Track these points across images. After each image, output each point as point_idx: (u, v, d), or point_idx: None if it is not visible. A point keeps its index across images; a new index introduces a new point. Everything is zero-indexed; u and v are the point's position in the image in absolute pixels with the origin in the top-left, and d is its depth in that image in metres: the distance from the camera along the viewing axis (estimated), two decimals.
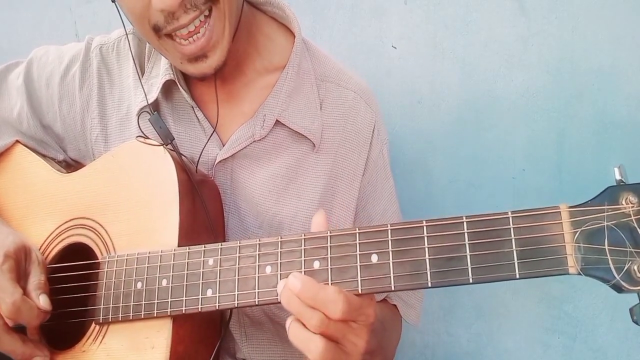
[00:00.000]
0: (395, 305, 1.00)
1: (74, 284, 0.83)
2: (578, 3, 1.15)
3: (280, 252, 0.69)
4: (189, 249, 0.76)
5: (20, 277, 0.80)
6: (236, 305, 0.72)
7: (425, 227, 0.63)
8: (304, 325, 0.65)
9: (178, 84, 0.90)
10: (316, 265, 0.67)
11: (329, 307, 0.64)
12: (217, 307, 0.73)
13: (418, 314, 1.02)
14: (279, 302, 0.67)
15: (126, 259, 0.81)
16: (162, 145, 0.85)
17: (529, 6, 1.18)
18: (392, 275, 0.63)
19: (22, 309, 0.77)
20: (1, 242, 0.81)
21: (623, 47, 1.13)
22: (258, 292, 0.70)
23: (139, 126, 0.88)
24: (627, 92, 1.13)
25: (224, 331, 0.87)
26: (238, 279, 0.71)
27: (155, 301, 0.77)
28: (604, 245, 0.55)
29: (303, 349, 0.66)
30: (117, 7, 0.85)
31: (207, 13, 0.79)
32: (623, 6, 1.12)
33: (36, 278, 0.81)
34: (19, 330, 0.81)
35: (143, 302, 0.78)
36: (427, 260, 0.62)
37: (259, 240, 0.71)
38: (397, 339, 1.00)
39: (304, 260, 0.68)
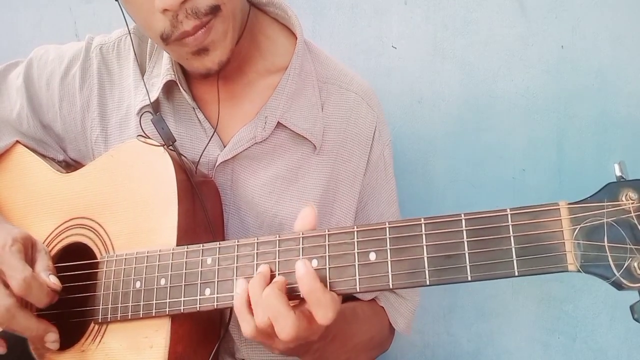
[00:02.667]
0: (382, 307, 0.98)
1: (73, 284, 0.83)
2: (578, 3, 1.15)
3: (279, 250, 0.69)
4: (187, 248, 0.76)
5: (28, 262, 0.80)
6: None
7: (423, 225, 0.62)
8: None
9: (179, 85, 0.90)
10: (314, 264, 0.66)
11: (319, 310, 0.64)
12: (215, 306, 0.72)
13: (408, 323, 1.00)
14: None
15: (125, 259, 0.81)
16: (162, 145, 0.85)
17: (529, 6, 1.18)
18: (390, 273, 0.63)
19: (33, 286, 0.76)
20: (7, 232, 0.81)
21: (623, 47, 1.13)
22: None
23: (141, 125, 0.88)
24: (627, 92, 1.13)
25: (223, 332, 0.87)
26: (236, 278, 0.71)
27: (154, 301, 0.77)
28: (604, 242, 0.55)
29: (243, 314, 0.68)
30: (119, 5, 0.84)
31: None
32: (623, 6, 1.12)
33: (44, 262, 0.81)
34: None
35: (142, 302, 0.78)
36: (425, 258, 0.62)
37: (257, 239, 0.71)
38: (370, 332, 0.96)
39: (302, 258, 0.67)
